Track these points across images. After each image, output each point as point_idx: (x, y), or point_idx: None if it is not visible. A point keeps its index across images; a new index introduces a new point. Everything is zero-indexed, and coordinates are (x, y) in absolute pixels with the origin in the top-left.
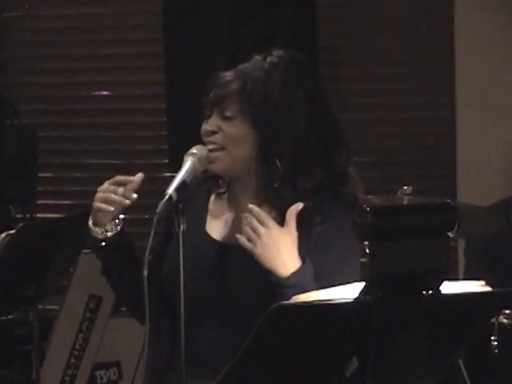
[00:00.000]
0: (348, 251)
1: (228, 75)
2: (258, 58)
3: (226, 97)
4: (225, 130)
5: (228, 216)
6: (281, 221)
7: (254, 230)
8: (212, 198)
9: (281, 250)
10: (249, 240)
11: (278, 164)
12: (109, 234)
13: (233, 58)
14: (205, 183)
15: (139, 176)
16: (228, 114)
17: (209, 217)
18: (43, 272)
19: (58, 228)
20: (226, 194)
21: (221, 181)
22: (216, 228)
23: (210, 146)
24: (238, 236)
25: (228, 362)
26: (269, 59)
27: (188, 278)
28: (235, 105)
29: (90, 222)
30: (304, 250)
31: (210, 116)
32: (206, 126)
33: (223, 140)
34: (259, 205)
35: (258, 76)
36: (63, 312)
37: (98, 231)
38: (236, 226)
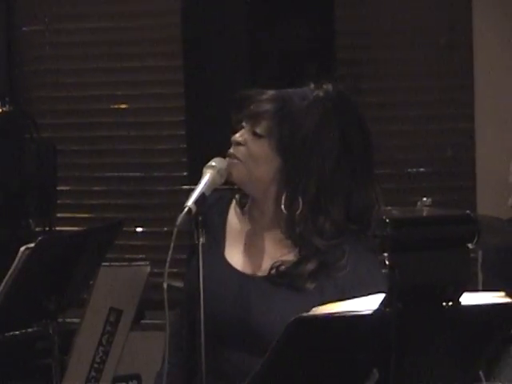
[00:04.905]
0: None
1: (270, 93)
2: (311, 86)
3: (260, 113)
4: (250, 145)
5: (246, 241)
6: (298, 255)
7: None
8: (230, 217)
9: None
10: None
11: (300, 200)
12: None
13: (252, 71)
14: (223, 197)
15: None
16: (258, 130)
17: (227, 240)
18: (63, 285)
19: (78, 241)
20: (244, 216)
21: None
22: (234, 254)
23: (231, 157)
24: None
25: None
26: (315, 92)
27: (208, 303)
28: (266, 124)
29: None
30: (332, 294)
31: (243, 127)
32: (236, 136)
33: (244, 155)
34: (275, 231)
35: (299, 104)
36: (83, 325)
37: None
38: (254, 255)
